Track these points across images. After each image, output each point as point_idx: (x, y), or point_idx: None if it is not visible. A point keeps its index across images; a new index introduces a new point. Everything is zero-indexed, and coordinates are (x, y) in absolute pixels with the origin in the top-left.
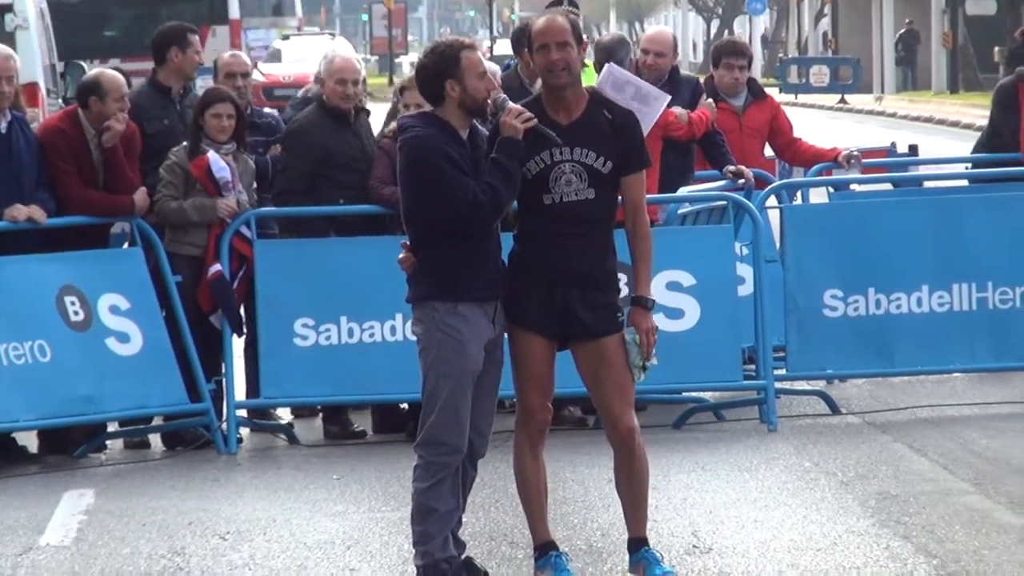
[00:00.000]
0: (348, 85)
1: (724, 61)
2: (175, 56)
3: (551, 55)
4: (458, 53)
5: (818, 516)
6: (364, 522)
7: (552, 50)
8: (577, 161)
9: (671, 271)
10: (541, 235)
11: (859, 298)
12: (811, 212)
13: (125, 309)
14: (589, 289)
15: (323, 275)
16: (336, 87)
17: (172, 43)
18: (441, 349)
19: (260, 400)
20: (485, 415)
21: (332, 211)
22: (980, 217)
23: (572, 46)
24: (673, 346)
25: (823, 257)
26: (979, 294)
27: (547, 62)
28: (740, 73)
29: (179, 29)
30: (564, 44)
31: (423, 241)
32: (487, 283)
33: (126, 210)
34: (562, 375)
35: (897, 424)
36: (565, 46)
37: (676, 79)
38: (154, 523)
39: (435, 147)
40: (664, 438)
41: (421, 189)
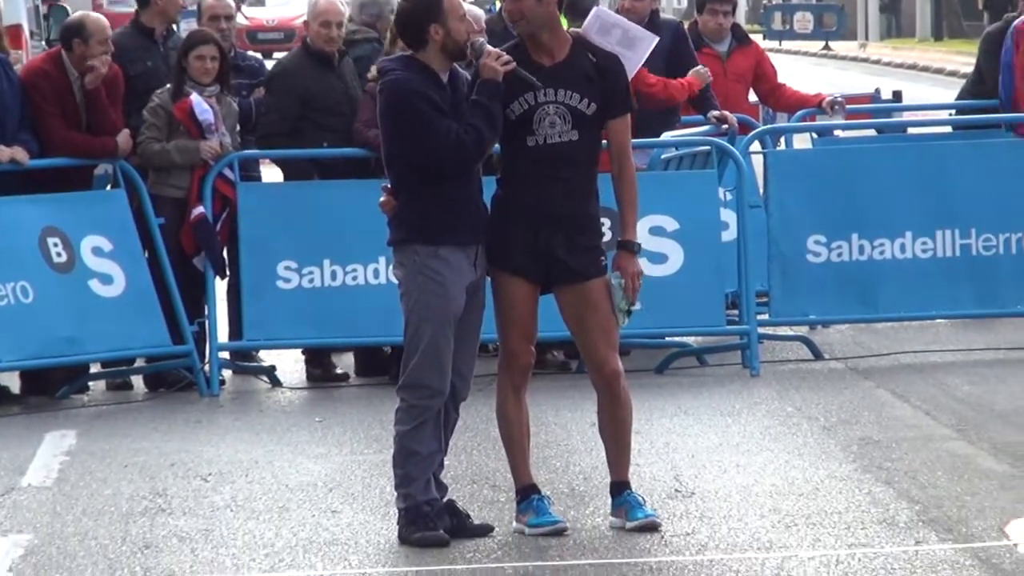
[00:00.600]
0: (332, 28)
1: (708, 6)
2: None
3: (507, 5)
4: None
5: (800, 461)
6: (346, 464)
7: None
8: (561, 103)
9: (655, 216)
10: (525, 177)
11: (842, 244)
12: (795, 158)
13: (108, 251)
14: (573, 233)
15: (306, 218)
16: (320, 30)
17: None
18: (422, 292)
19: (243, 342)
20: (467, 358)
21: (315, 154)
22: (964, 164)
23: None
24: (656, 291)
25: (807, 203)
26: (962, 240)
27: (508, 14)
28: (724, 19)
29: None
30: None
31: (404, 184)
32: (469, 226)
33: (109, 152)
34: (545, 319)
35: (880, 370)
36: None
37: (656, 22)
38: (136, 464)
39: (416, 89)
40: (647, 383)
41: (402, 131)
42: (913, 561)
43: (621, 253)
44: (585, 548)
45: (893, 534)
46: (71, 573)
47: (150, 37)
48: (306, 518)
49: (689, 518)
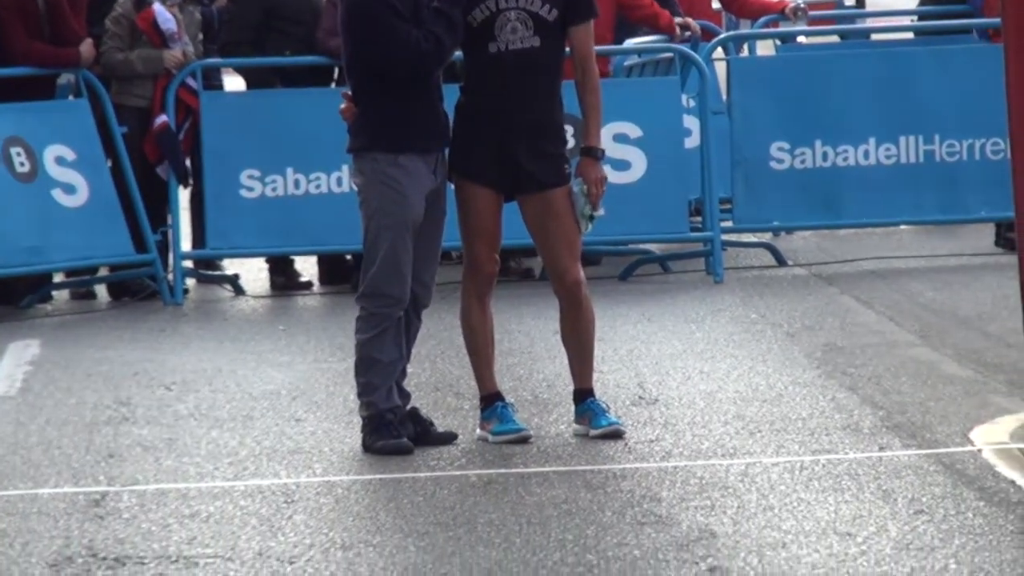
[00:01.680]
0: None
1: None
2: None
3: None
4: None
5: (764, 368)
6: (309, 372)
7: None
8: (522, 8)
9: (618, 123)
10: (487, 85)
11: (806, 150)
12: (758, 64)
13: (71, 160)
14: (536, 140)
15: (269, 126)
16: None
17: None
18: (381, 200)
19: (206, 251)
20: (428, 265)
21: (278, 62)
22: (928, 70)
23: None
24: (620, 198)
25: (770, 109)
26: (926, 147)
27: None
28: None
29: None
30: None
31: (365, 91)
32: (428, 134)
33: (72, 61)
34: (508, 227)
35: (844, 276)
36: None
37: None
38: (100, 373)
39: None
40: (610, 290)
41: (363, 37)
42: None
43: (584, 160)
44: (549, 456)
45: (857, 440)
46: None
47: None
48: (270, 426)
49: (653, 425)
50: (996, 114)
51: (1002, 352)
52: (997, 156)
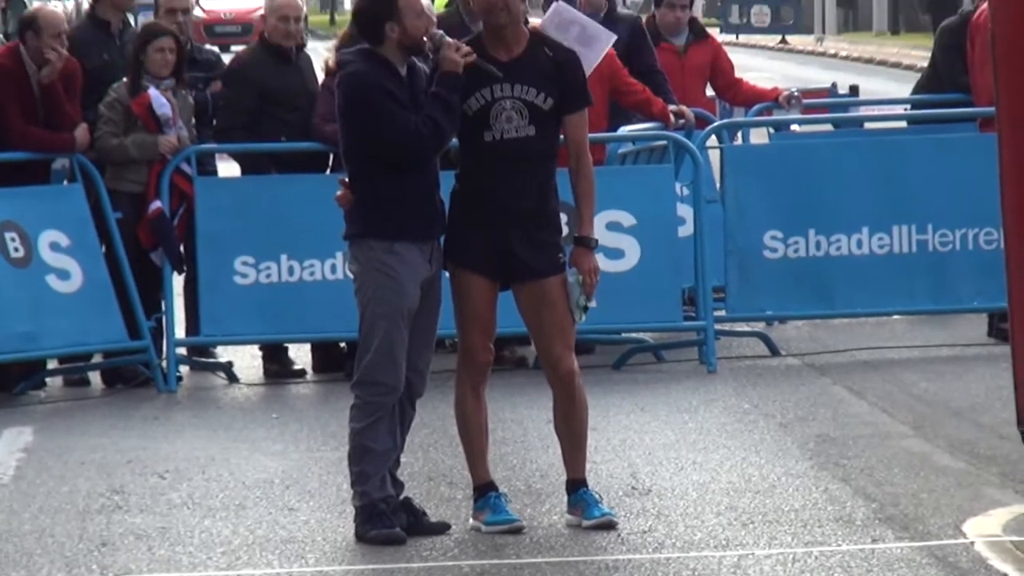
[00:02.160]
0: (291, 22)
1: (666, 1)
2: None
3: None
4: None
5: (757, 458)
6: (303, 461)
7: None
8: (517, 97)
9: (611, 211)
10: (482, 173)
11: (799, 239)
12: (752, 152)
13: (65, 246)
14: (531, 229)
15: (263, 212)
16: (278, 24)
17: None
18: (377, 288)
19: (200, 338)
20: (422, 354)
21: (272, 148)
22: (920, 159)
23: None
24: (613, 286)
25: (763, 198)
26: (919, 236)
27: (486, 3)
28: (682, 12)
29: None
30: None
31: (361, 178)
32: (425, 221)
33: (67, 146)
34: (502, 315)
35: (836, 366)
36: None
37: (614, 17)
38: (93, 461)
39: (375, 82)
40: (604, 379)
41: (362, 124)
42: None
43: (578, 250)
44: (542, 546)
45: (850, 532)
46: (28, 571)
47: (106, 30)
48: (263, 516)
49: (646, 516)
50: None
51: (995, 444)
52: (990, 246)
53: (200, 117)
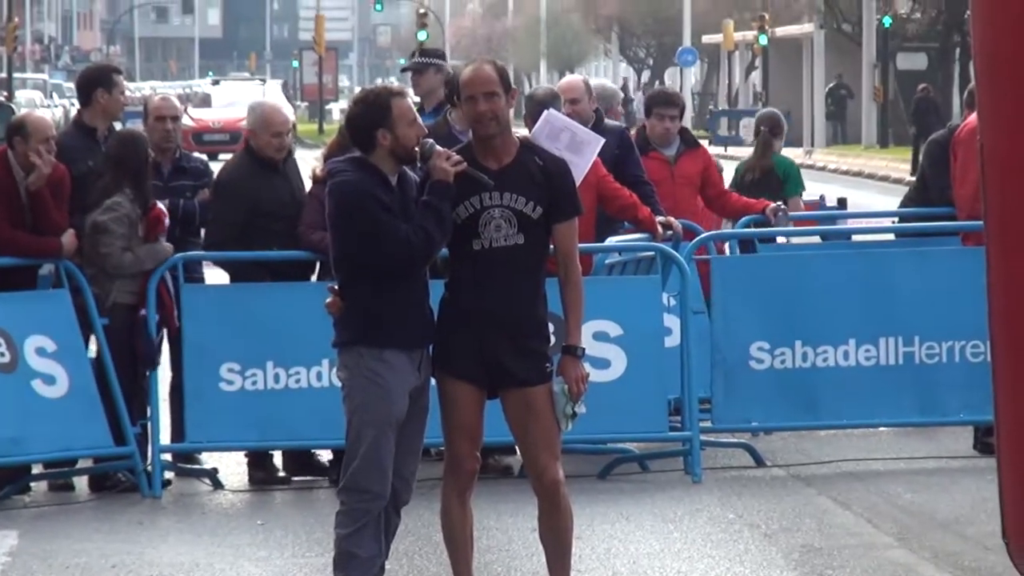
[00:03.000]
0: (284, 137)
1: (655, 111)
2: (101, 97)
3: (479, 106)
4: (388, 101)
5: (742, 568)
6: (287, 567)
7: (480, 101)
8: (506, 206)
9: (598, 321)
10: (471, 281)
11: (786, 351)
12: (739, 264)
13: (51, 351)
14: (518, 337)
15: (250, 320)
16: (271, 140)
17: (97, 84)
18: (365, 395)
19: (185, 444)
20: (409, 462)
21: (258, 256)
22: (907, 272)
23: (500, 95)
24: (599, 396)
25: (750, 309)
26: (906, 348)
27: (475, 113)
28: (671, 123)
29: (104, 70)
30: (492, 94)
31: (352, 286)
32: (414, 330)
33: (54, 252)
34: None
35: (822, 477)
36: (493, 96)
37: (600, 128)
38: (78, 566)
39: (365, 191)
40: (589, 488)
41: (351, 232)
42: None
43: (565, 358)
44: None
45: None
46: None
47: (92, 137)
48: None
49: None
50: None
51: (980, 556)
52: (977, 359)
53: (188, 225)
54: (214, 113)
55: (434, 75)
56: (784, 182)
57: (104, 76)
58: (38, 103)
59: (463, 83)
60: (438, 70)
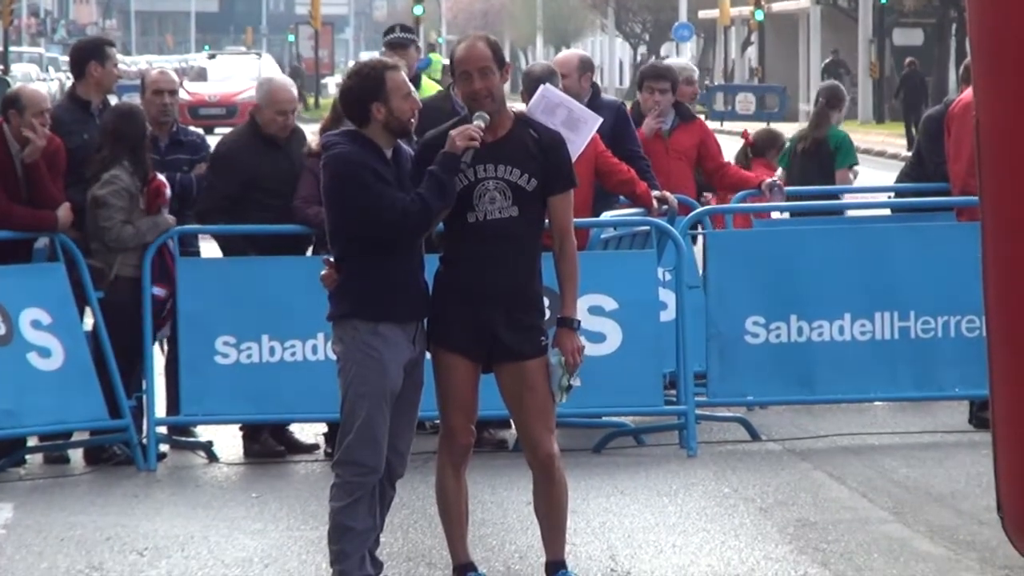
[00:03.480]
0: (288, 116)
1: (646, 84)
2: (94, 70)
3: (474, 84)
4: (382, 74)
5: (736, 542)
6: (282, 540)
7: (475, 77)
8: (501, 178)
9: (594, 295)
10: (465, 254)
11: (781, 325)
12: (734, 238)
13: (47, 324)
14: (513, 311)
15: (245, 293)
16: (276, 117)
17: (91, 57)
18: (360, 368)
19: (180, 417)
20: (404, 435)
21: (254, 230)
22: (903, 247)
23: (494, 71)
24: (594, 370)
25: (745, 283)
26: (901, 323)
27: (470, 90)
28: (662, 96)
29: (97, 42)
30: (486, 70)
31: (347, 258)
32: (409, 303)
33: (49, 226)
34: (482, 398)
35: (817, 451)
36: (487, 72)
37: (597, 103)
38: (72, 538)
39: (360, 162)
40: (584, 462)
41: (347, 203)
42: None
43: (561, 330)
44: None
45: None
46: None
47: (87, 110)
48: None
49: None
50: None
51: (975, 530)
52: (972, 334)
53: (184, 200)
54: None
55: (415, 52)
56: (835, 153)
57: (97, 49)
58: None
59: (457, 60)
60: (418, 48)
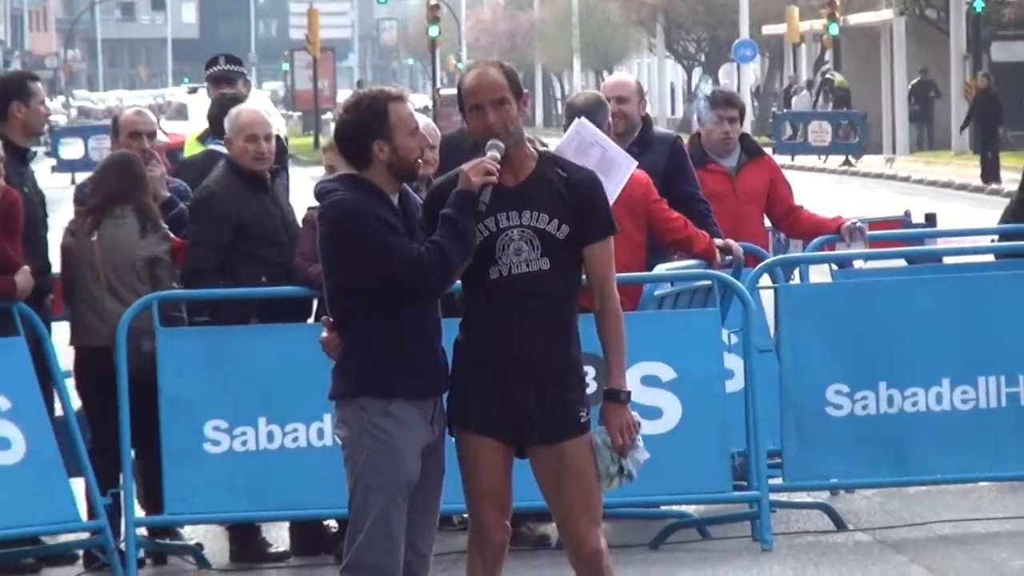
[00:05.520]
0: (260, 142)
1: (712, 113)
2: (17, 111)
3: (487, 117)
4: (385, 107)
5: None
6: None
7: (488, 111)
8: (527, 226)
9: (646, 363)
10: (489, 316)
11: (868, 394)
12: (811, 293)
13: (6, 410)
14: (547, 383)
15: (238, 369)
16: (246, 146)
17: (11, 96)
18: (370, 456)
19: (164, 516)
20: (424, 532)
21: (249, 293)
22: (1009, 298)
23: (510, 102)
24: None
25: (825, 345)
26: (1009, 389)
27: (484, 125)
28: (731, 127)
29: (17, 79)
30: (501, 102)
31: (351, 323)
32: (425, 377)
33: (7, 293)
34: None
35: (913, 542)
36: (502, 104)
37: (649, 136)
38: None
39: (363, 209)
40: (640, 559)
41: (351, 257)
42: None
43: (607, 404)
44: None
45: None
46: None
47: (23, 158)
48: None
49: None
50: None
51: None
52: None
53: None
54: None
55: (244, 86)
56: None
57: (18, 86)
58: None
59: (467, 91)
60: (247, 82)
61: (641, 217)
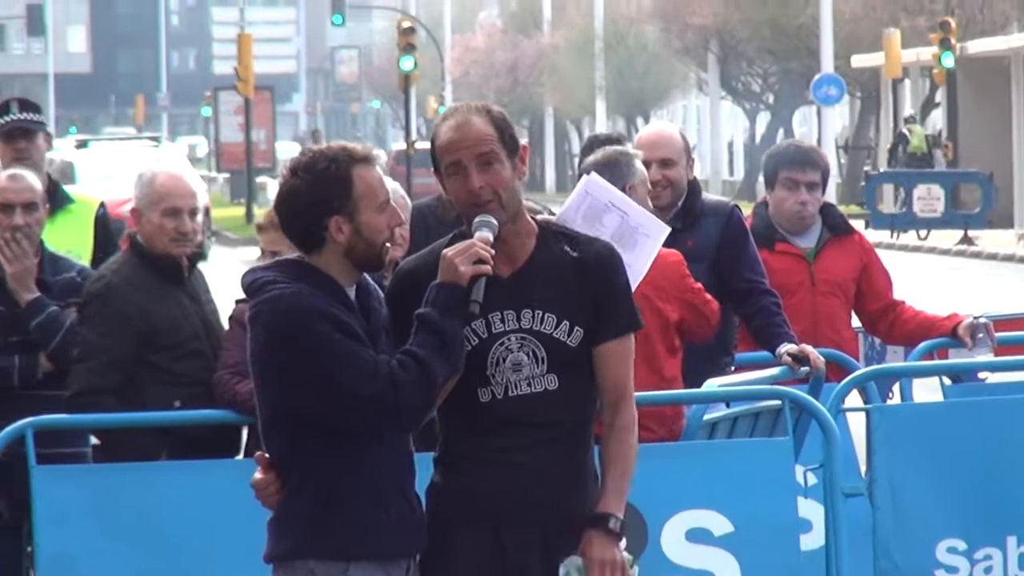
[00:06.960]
0: (183, 218)
1: (784, 175)
2: None
3: (471, 181)
4: (348, 172)
5: None
6: None
7: (471, 172)
8: (528, 331)
9: (693, 511)
10: (477, 453)
11: (992, 552)
12: (916, 416)
13: None
14: (554, 535)
15: (143, 521)
16: (163, 222)
17: None
18: None
19: None
20: None
21: (158, 419)
22: None
23: (501, 159)
24: None
25: (935, 487)
26: None
27: (466, 192)
28: (809, 195)
29: None
30: (487, 157)
31: (293, 460)
32: (394, 530)
33: None
34: None
35: None
36: (489, 161)
37: (697, 207)
38: None
39: (312, 308)
40: None
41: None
42: None
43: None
44: None
45: None
46: None
47: None
48: None
49: None
50: None
51: None
52: None
53: (57, 357)
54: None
55: (43, 143)
56: None
57: None
58: None
59: (441, 147)
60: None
61: (674, 304)
